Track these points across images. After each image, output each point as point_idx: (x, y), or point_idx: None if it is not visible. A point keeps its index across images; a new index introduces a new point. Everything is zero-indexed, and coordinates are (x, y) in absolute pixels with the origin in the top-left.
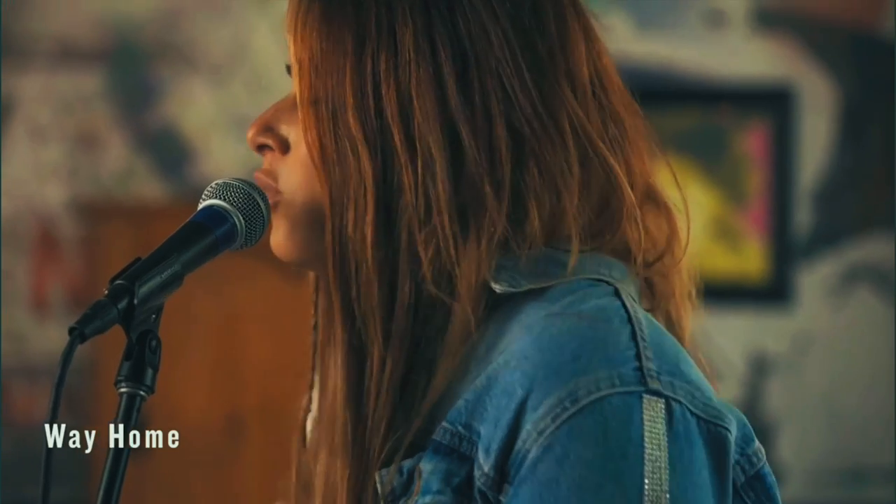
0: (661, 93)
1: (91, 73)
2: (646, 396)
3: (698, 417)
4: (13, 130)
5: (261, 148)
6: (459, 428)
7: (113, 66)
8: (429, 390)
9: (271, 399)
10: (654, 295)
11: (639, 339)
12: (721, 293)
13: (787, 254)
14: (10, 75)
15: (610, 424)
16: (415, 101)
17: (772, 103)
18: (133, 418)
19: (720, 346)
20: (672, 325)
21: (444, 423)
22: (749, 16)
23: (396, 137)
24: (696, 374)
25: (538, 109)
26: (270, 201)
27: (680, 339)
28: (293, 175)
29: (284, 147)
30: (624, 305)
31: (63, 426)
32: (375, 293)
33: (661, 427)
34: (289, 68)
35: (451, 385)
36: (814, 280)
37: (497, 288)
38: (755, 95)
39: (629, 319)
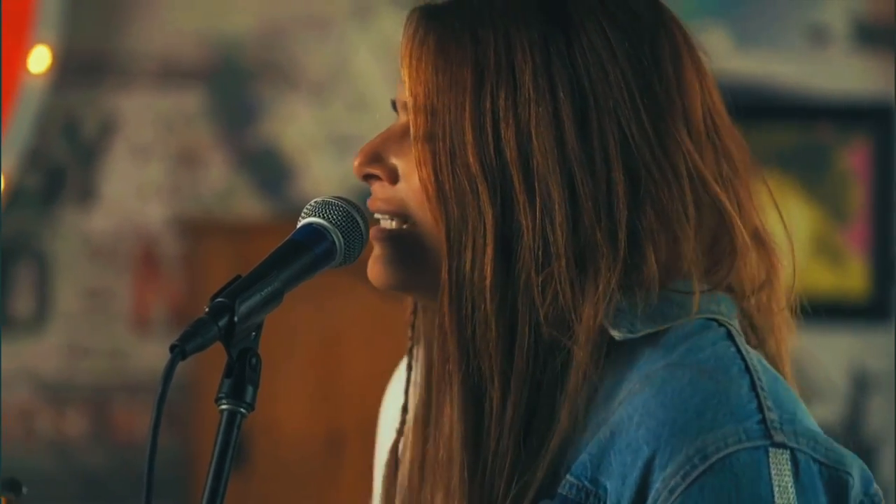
0: (762, 109)
1: (192, 92)
2: (772, 450)
3: (821, 464)
4: (116, 149)
5: (367, 177)
6: (586, 483)
7: (214, 84)
8: (551, 435)
9: (371, 417)
10: (754, 328)
11: (758, 389)
12: (823, 311)
13: (889, 271)
14: (112, 94)
15: (741, 481)
16: (534, 141)
17: (874, 119)
18: (234, 435)
19: (822, 364)
20: (772, 358)
21: (570, 477)
22: (851, 31)
23: (516, 177)
24: (812, 421)
25: (655, 152)
26: (397, 227)
27: (781, 372)
28: (417, 206)
29: (393, 178)
30: (739, 351)
31: (164, 442)
32: (494, 334)
33: (789, 479)
34: (394, 104)
35: (571, 432)
36: None
37: (616, 335)
38: (857, 112)
39: (747, 368)
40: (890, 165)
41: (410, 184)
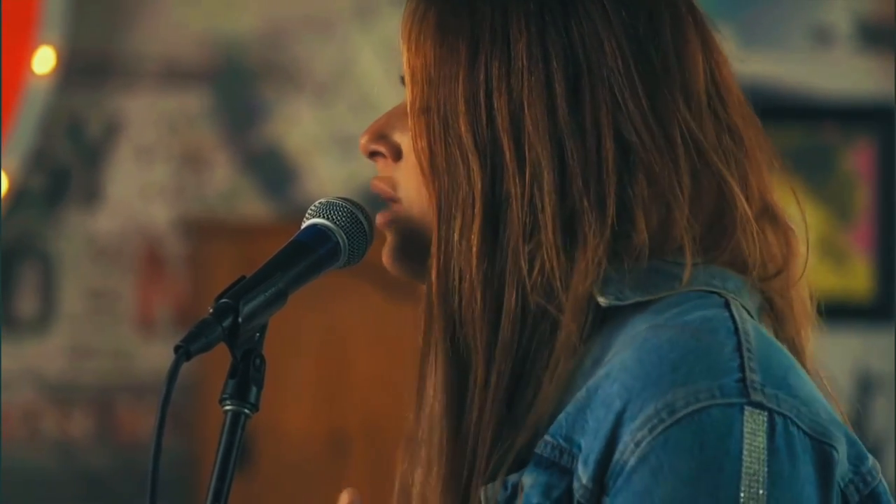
0: (766, 110)
1: (197, 93)
2: (747, 409)
3: (804, 432)
4: (120, 150)
5: (372, 155)
6: (560, 441)
7: (218, 86)
8: (535, 405)
9: (375, 417)
10: (773, 311)
11: (744, 350)
12: (827, 312)
13: (893, 272)
14: (116, 95)
15: (707, 437)
16: (525, 110)
17: (878, 120)
18: (238, 436)
19: (825, 364)
20: (790, 343)
21: (546, 437)
22: (855, 32)
23: (506, 147)
24: (808, 389)
25: (648, 120)
26: (387, 208)
27: (800, 359)
28: (408, 183)
29: (397, 154)
30: (732, 317)
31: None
32: (480, 303)
33: (762, 441)
34: (402, 79)
35: (558, 400)
36: None
37: (603, 301)
38: (861, 112)
39: (735, 331)
40: (894, 166)
41: (411, 160)
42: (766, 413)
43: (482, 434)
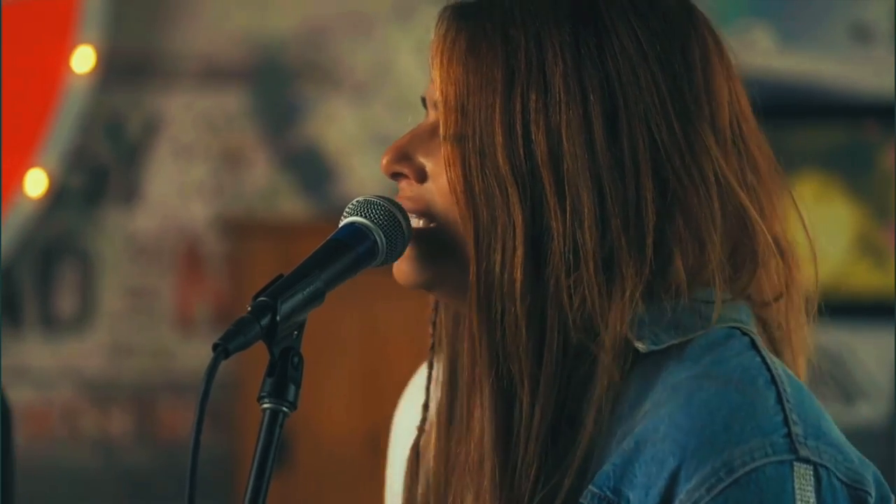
0: (806, 108)
1: (235, 92)
2: (796, 465)
3: (842, 482)
4: (159, 149)
5: (395, 175)
6: (608, 493)
7: (257, 85)
8: (577, 441)
9: None
10: (771, 338)
11: (784, 401)
12: (866, 310)
13: None
14: (155, 95)
15: (764, 495)
16: (565, 143)
17: None
18: (276, 434)
19: (865, 363)
20: (788, 363)
21: (592, 487)
22: (894, 29)
23: (546, 180)
24: (836, 433)
25: (685, 158)
26: (424, 226)
27: (798, 376)
28: (443, 207)
29: (421, 176)
30: (764, 361)
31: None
32: (524, 338)
33: (811, 495)
34: (424, 101)
35: (595, 441)
36: None
37: (642, 347)
38: None
39: (773, 380)
40: None
41: (438, 183)
42: (811, 467)
43: (527, 469)
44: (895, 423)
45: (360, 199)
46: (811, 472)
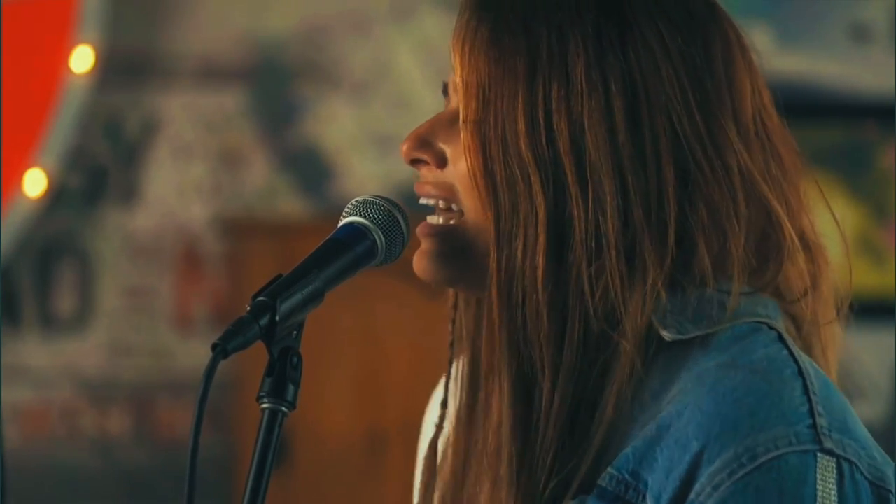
0: (804, 107)
1: (234, 92)
2: (819, 455)
3: (865, 478)
4: (158, 149)
5: (415, 162)
6: (626, 475)
7: (256, 84)
8: (594, 431)
9: (412, 416)
10: (800, 333)
11: (811, 393)
12: (864, 310)
13: None
14: (154, 94)
15: (786, 483)
16: (587, 133)
17: None
18: (275, 434)
19: (864, 363)
20: (818, 359)
21: (611, 470)
22: (893, 29)
23: (568, 169)
24: (860, 429)
25: (707, 149)
26: (439, 215)
27: (827, 372)
28: (465, 193)
29: (441, 161)
30: (792, 354)
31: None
32: (546, 325)
33: (833, 487)
34: (445, 88)
35: (615, 428)
36: None
37: (667, 336)
38: None
39: (800, 371)
40: None
41: (458, 168)
42: (834, 460)
43: (544, 456)
44: (895, 423)
45: (360, 198)
46: (834, 465)
